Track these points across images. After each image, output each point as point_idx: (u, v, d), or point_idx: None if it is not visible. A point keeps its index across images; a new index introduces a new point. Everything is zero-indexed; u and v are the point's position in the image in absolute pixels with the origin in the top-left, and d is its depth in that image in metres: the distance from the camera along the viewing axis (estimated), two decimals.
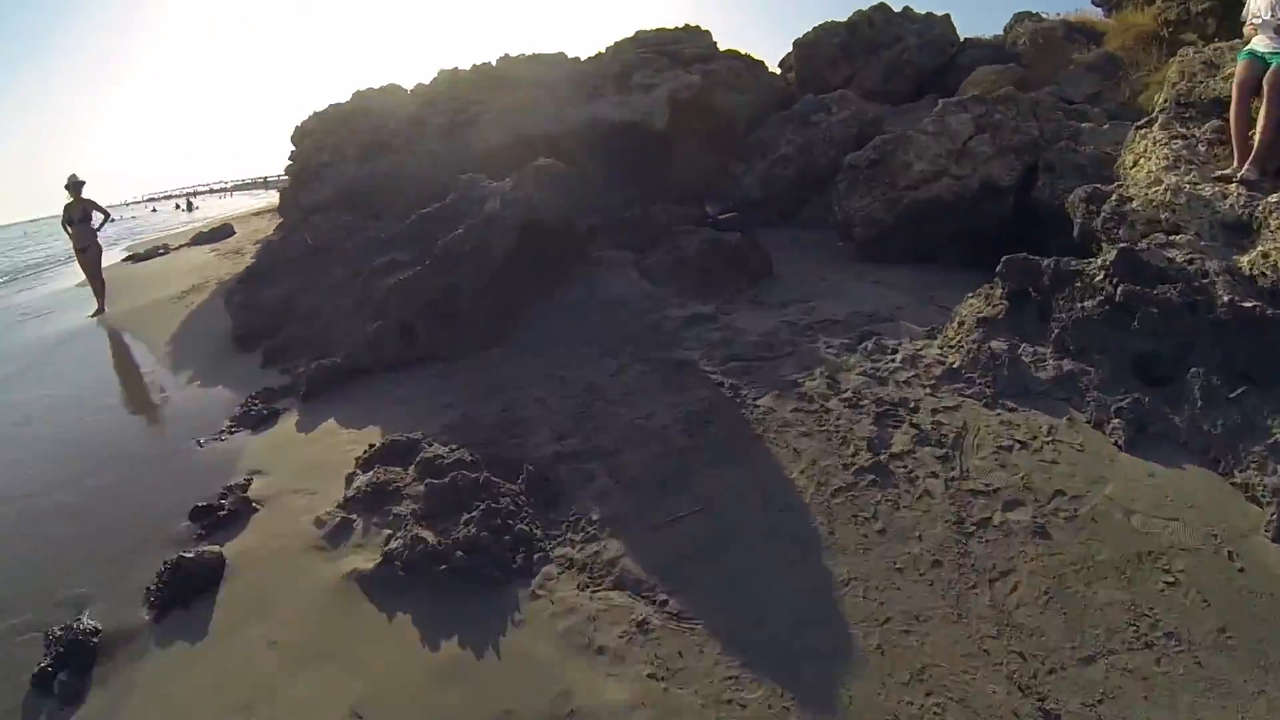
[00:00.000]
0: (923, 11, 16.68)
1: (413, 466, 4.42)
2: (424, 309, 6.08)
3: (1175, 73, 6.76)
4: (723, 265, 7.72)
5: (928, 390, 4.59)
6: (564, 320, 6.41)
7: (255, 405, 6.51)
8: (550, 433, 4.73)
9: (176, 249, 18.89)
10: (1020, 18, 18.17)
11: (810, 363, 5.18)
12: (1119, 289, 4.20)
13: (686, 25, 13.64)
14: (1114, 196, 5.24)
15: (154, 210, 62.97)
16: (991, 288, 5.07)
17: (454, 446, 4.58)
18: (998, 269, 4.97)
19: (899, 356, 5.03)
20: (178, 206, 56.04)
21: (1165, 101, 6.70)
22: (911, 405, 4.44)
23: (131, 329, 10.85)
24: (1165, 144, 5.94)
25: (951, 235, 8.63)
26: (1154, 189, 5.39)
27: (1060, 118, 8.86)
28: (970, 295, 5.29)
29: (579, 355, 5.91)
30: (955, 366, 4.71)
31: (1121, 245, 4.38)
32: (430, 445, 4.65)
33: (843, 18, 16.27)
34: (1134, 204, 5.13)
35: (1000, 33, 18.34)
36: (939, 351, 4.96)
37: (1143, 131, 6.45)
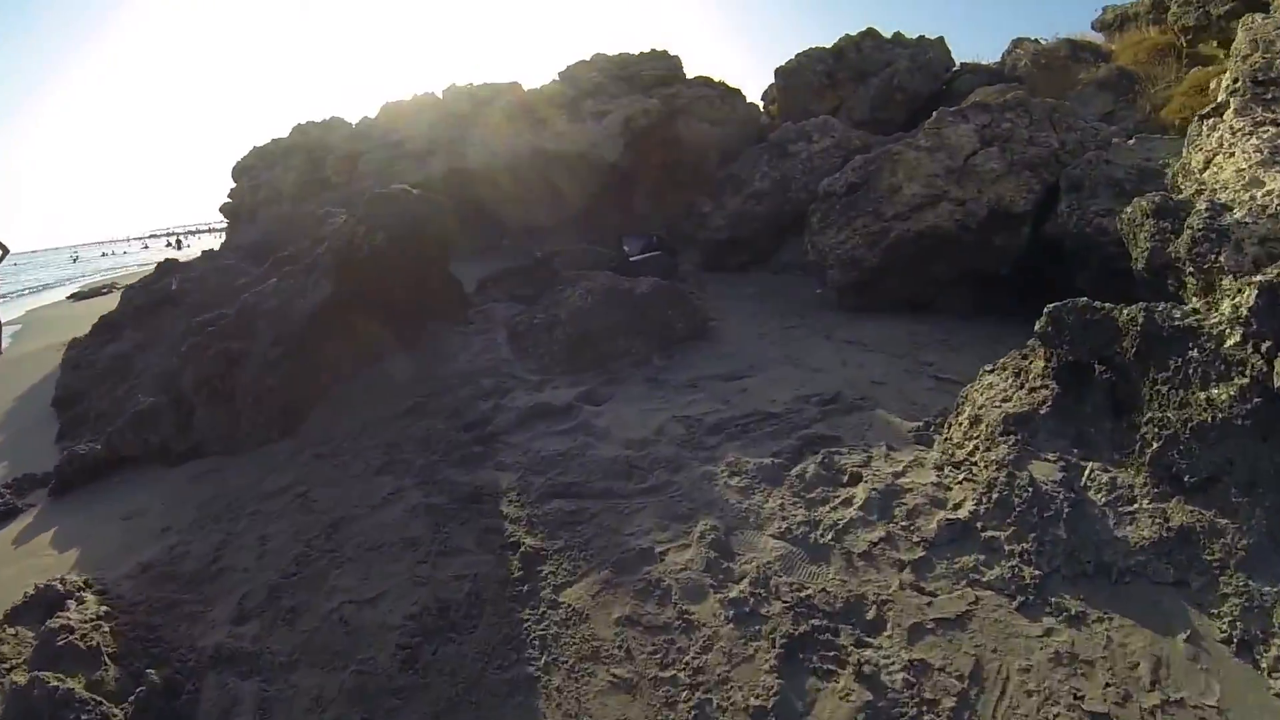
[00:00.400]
0: (913, 37, 15.23)
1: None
2: (201, 383, 4.26)
3: (1245, 44, 5.00)
4: (617, 326, 5.70)
5: (908, 574, 2.58)
6: (372, 404, 4.56)
7: (3, 495, 5.04)
8: (235, 606, 2.98)
9: (122, 289, 17.71)
10: (1019, 43, 16.65)
11: (690, 505, 3.25)
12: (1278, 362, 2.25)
13: (652, 50, 12.15)
14: (1203, 207, 3.35)
15: (145, 247, 63.28)
16: (1026, 356, 3.14)
17: (105, 612, 2.79)
18: (1039, 325, 3.04)
19: (861, 491, 3.09)
20: (168, 244, 56.16)
21: (1235, 83, 4.92)
22: (873, 614, 2.43)
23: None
24: (1249, 134, 4.16)
25: (954, 277, 6.75)
26: (1256, 192, 3.53)
27: (1084, 126, 7.07)
28: (989, 369, 3.36)
29: (357, 464, 4.12)
30: (964, 518, 2.75)
31: (1263, 280, 2.44)
32: (79, 603, 2.87)
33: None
34: (1236, 214, 3.24)
35: (998, 60, 16.82)
36: (935, 479, 3.05)
37: (1211, 122, 4.67)
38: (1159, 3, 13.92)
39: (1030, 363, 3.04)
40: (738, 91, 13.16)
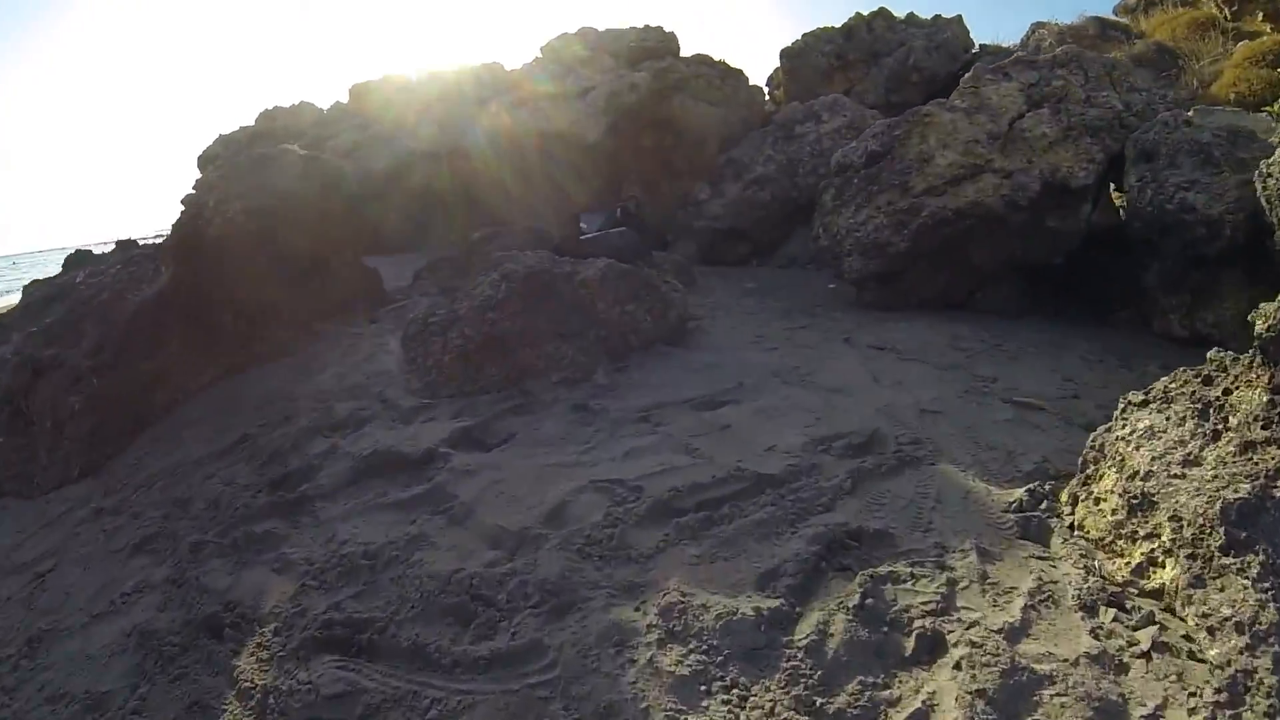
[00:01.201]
0: (927, 17, 13.96)
1: None
2: (3, 402, 3.08)
3: None
4: (542, 326, 4.14)
5: None
6: (201, 435, 3.34)
7: None
8: None
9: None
10: (1040, 25, 15.34)
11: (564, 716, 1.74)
12: None
13: (645, 25, 10.93)
14: None
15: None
16: (1212, 380, 1.80)
17: None
18: (1262, 327, 1.72)
19: (950, 687, 1.53)
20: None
21: None
22: None
23: None
24: None
25: (996, 267, 5.50)
26: None
27: (1150, 85, 5.80)
28: (1137, 399, 2.04)
29: (126, 532, 2.90)
30: None
31: None
32: None
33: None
34: None
35: (1017, 43, 15.52)
36: (1090, 645, 1.62)
37: None
38: None
39: (1230, 395, 1.74)
40: (739, 72, 11.90)
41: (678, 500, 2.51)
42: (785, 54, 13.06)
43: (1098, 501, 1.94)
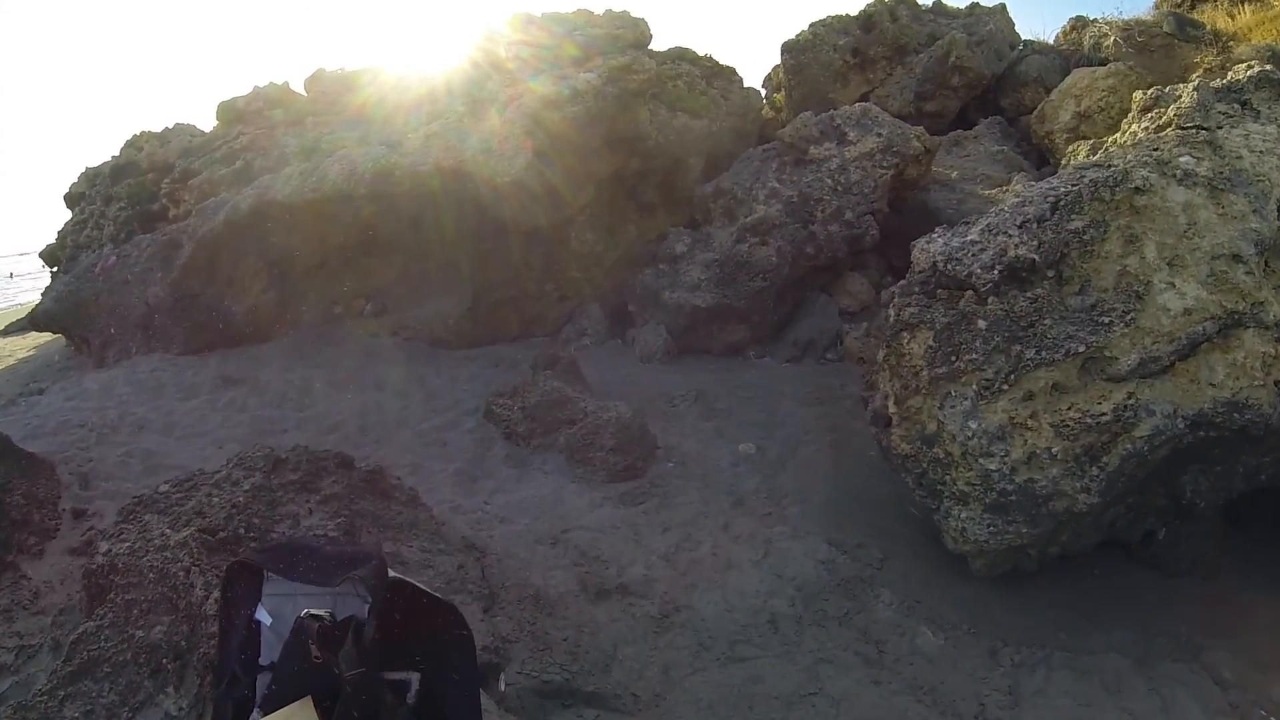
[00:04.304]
0: (961, 5, 11.00)
1: None
2: None
3: None
4: None
5: None
6: None
7: None
8: None
9: None
10: (1081, 22, 12.29)
11: None
12: None
13: (606, 11, 7.80)
14: None
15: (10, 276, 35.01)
16: None
17: None
18: None
19: None
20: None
21: None
22: None
23: None
24: None
25: (1214, 498, 2.61)
26: None
27: None
28: None
29: None
30: None
31: None
32: None
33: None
34: None
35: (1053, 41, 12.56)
36: None
37: None
38: None
39: None
40: (730, 70, 8.84)
41: None
42: (788, 48, 9.96)
43: None
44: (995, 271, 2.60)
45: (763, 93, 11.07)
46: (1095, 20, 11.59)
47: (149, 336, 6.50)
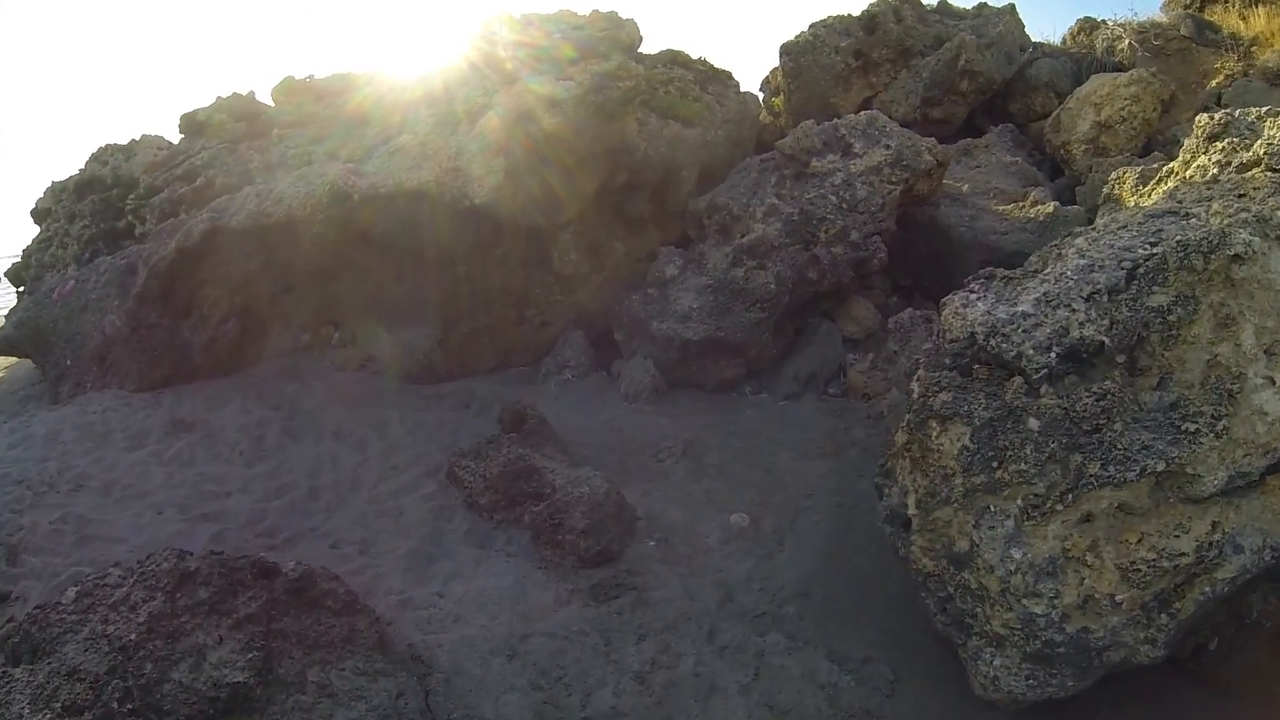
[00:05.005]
0: (968, 5, 10.39)
1: None
2: None
3: None
4: None
5: None
6: None
7: None
8: None
9: None
10: (1090, 24, 11.62)
11: None
12: None
13: (593, 12, 7.21)
14: None
15: None
16: None
17: None
18: None
19: None
20: None
21: None
22: None
23: None
24: None
25: None
26: None
27: None
28: None
29: None
30: None
31: None
32: None
33: None
34: None
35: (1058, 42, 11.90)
36: None
37: None
38: None
39: None
40: (726, 74, 8.23)
41: None
42: (787, 50, 9.37)
43: None
44: (1053, 355, 2.06)
45: (760, 96, 10.49)
46: (1106, 22, 10.91)
47: (105, 370, 5.99)
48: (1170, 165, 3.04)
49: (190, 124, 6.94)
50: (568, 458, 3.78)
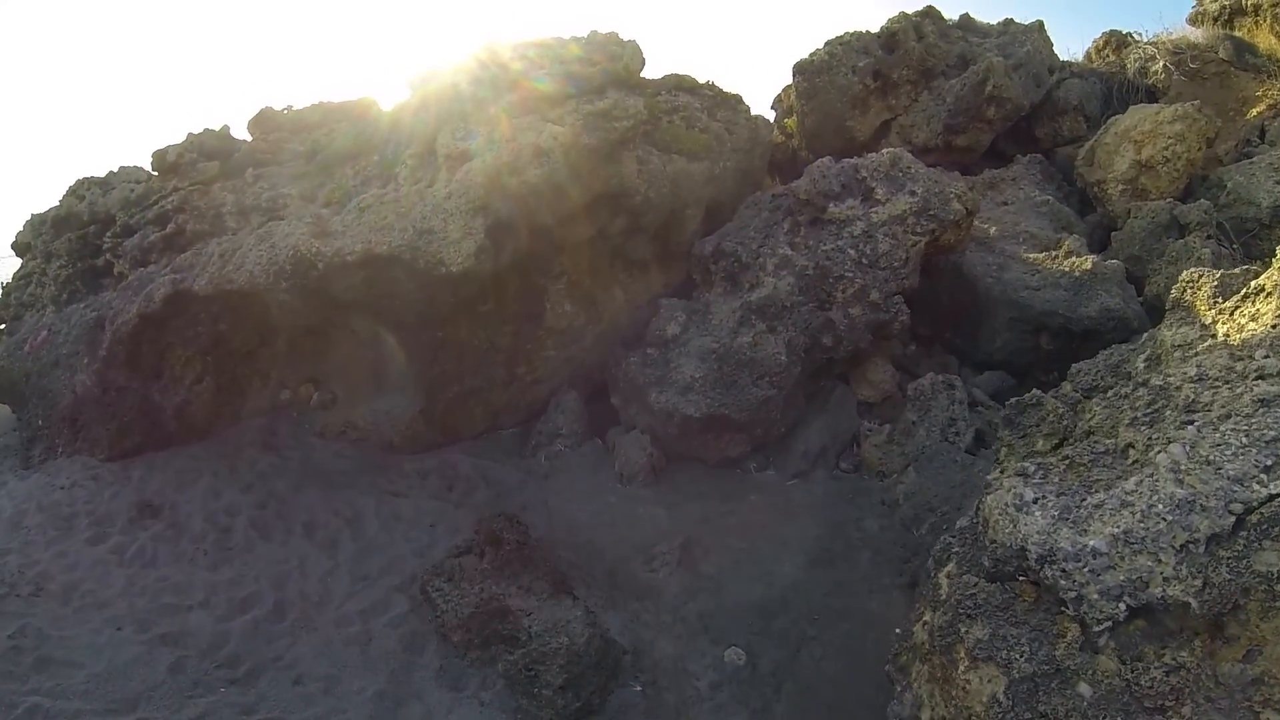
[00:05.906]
0: (993, 21, 9.67)
1: None
2: None
3: None
4: None
5: None
6: None
7: None
8: None
9: None
10: (1117, 38, 10.96)
11: None
12: None
13: (591, 33, 6.69)
14: None
15: None
16: None
17: None
18: None
19: None
20: None
21: None
22: None
23: None
24: None
25: None
26: None
27: None
28: None
29: None
30: None
31: None
32: None
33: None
34: None
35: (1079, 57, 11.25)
36: None
37: None
38: None
39: None
40: (735, 98, 7.67)
41: None
42: (801, 69, 8.80)
43: None
44: (1122, 606, 1.62)
45: (772, 115, 9.94)
46: (1136, 38, 10.19)
47: (75, 434, 5.64)
48: (1260, 280, 2.56)
49: (161, 163, 6.53)
50: (549, 583, 3.37)
